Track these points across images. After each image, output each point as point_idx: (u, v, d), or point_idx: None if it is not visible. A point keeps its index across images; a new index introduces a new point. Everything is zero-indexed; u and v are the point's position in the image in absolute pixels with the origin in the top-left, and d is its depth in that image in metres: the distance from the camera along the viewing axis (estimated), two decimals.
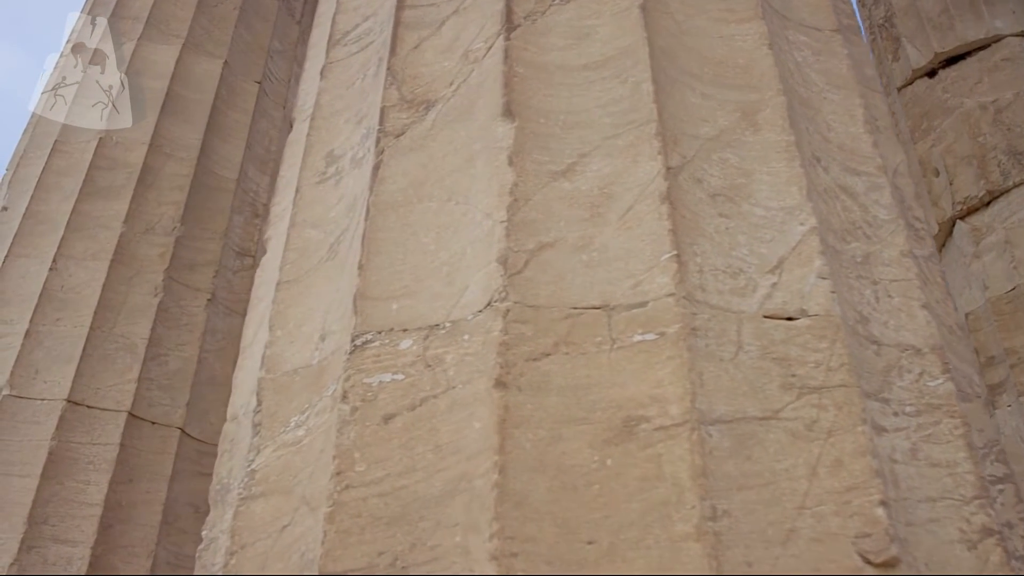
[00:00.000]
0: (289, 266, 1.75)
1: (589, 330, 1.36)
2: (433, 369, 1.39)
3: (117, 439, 3.80)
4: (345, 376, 1.42)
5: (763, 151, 1.61)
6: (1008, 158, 5.66)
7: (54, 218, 4.30)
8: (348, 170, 1.82)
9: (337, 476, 1.32)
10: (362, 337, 1.45)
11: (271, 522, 1.43)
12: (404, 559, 1.23)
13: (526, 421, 1.27)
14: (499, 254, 1.42)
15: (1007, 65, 5.95)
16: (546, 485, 1.22)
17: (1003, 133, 5.74)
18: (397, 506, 1.28)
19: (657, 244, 1.42)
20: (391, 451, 1.33)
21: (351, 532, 1.27)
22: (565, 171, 1.55)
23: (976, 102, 5.92)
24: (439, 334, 1.42)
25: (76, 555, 3.54)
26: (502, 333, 1.34)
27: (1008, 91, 5.83)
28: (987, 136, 5.80)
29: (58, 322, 4.00)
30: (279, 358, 1.63)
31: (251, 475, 1.50)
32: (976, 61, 6.08)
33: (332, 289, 1.64)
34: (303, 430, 1.49)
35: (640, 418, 1.26)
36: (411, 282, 1.51)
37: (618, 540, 1.17)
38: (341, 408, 1.39)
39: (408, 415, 1.36)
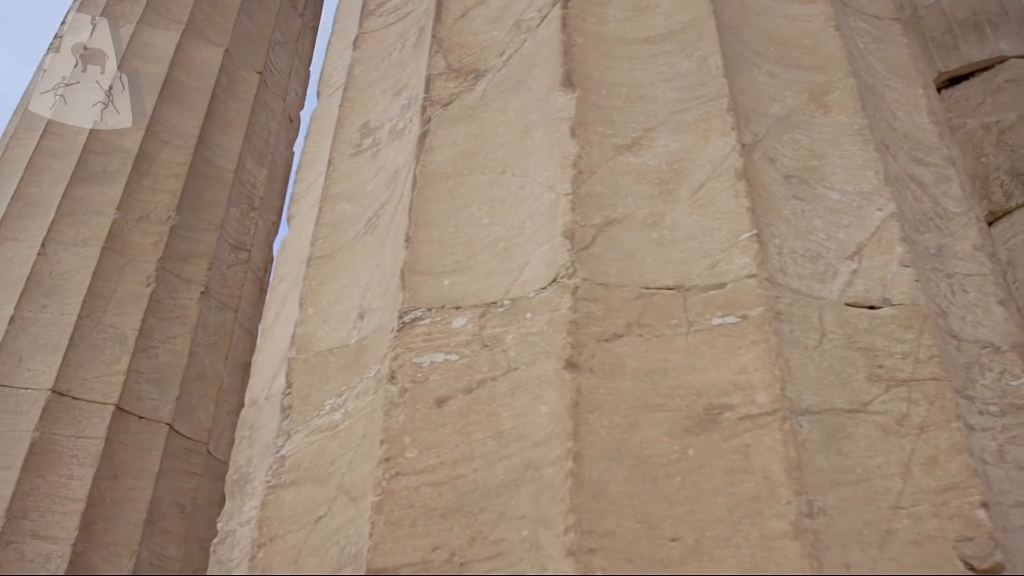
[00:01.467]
0: (322, 241, 1.63)
1: (663, 311, 1.26)
2: (491, 349, 1.27)
3: (103, 433, 3.63)
4: (392, 355, 1.30)
5: (834, 134, 1.53)
6: (1011, 179, 5.66)
7: (44, 201, 4.13)
8: (386, 142, 1.71)
9: (386, 463, 1.20)
10: (411, 314, 1.34)
11: (304, 513, 1.31)
12: (463, 554, 1.11)
13: (600, 406, 1.16)
14: (564, 228, 1.32)
15: (1010, 86, 5.96)
16: (624, 476, 1.11)
17: (1006, 154, 5.74)
18: (453, 496, 1.16)
19: (734, 223, 1.32)
20: (445, 437, 1.22)
21: (402, 524, 1.15)
22: (630, 145, 1.45)
23: (979, 123, 5.93)
24: (497, 312, 1.31)
25: (56, 552, 3.37)
26: (571, 311, 1.23)
27: (1012, 112, 5.83)
28: (990, 157, 5.80)
29: (45, 309, 3.83)
30: (311, 337, 1.51)
31: (281, 461, 1.38)
32: (980, 82, 6.09)
33: (371, 265, 1.53)
34: (340, 414, 1.37)
35: (723, 406, 1.16)
36: (463, 257, 1.40)
37: (704, 537, 1.06)
38: (388, 389, 1.27)
39: (463, 398, 1.24)
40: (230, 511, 1.56)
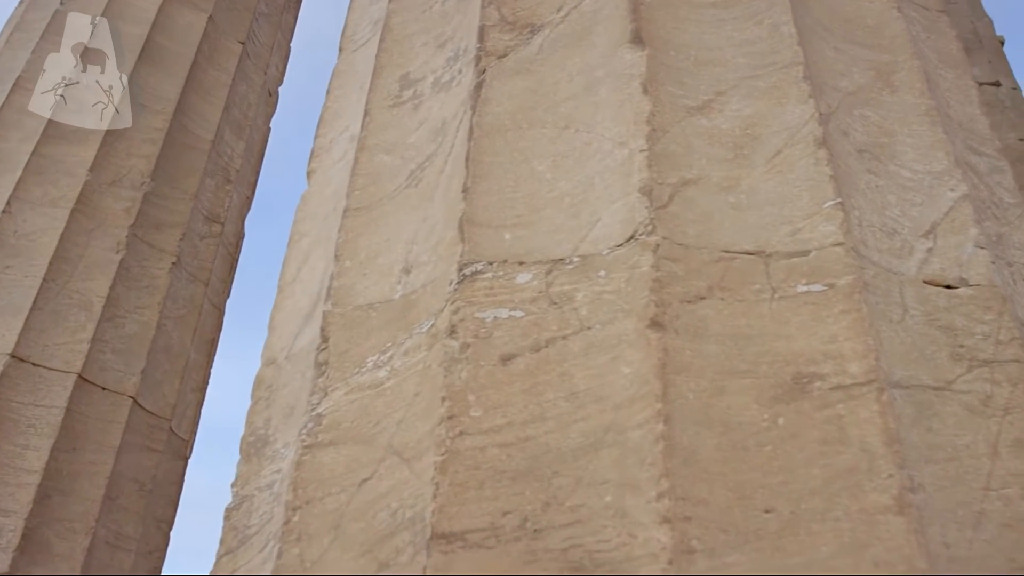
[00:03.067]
0: (359, 192, 1.53)
1: (744, 276, 1.20)
2: (560, 307, 1.19)
3: (63, 403, 3.44)
4: (452, 309, 1.21)
5: (902, 113, 1.49)
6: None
7: (12, 158, 3.91)
8: (430, 94, 1.62)
9: (449, 421, 1.11)
10: (471, 267, 1.25)
11: (345, 475, 1.21)
12: (536, 520, 1.03)
13: (686, 369, 1.09)
14: (641, 184, 1.25)
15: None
16: (713, 443, 1.04)
17: None
18: (523, 459, 1.08)
19: (816, 191, 1.27)
20: (512, 396, 1.13)
21: (468, 486, 1.06)
22: (701, 107, 1.38)
23: None
24: (565, 269, 1.23)
25: (8, 525, 3.16)
26: (653, 269, 1.16)
27: None
28: None
29: (7, 270, 3.62)
30: (349, 291, 1.41)
31: (317, 420, 1.28)
32: None
33: (416, 218, 1.44)
34: (385, 371, 1.28)
35: (812, 375, 1.10)
36: (525, 212, 1.32)
37: (800, 510, 1.00)
38: (448, 344, 1.19)
39: (531, 357, 1.16)
40: (246, 475, 1.45)
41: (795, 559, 0.96)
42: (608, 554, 0.98)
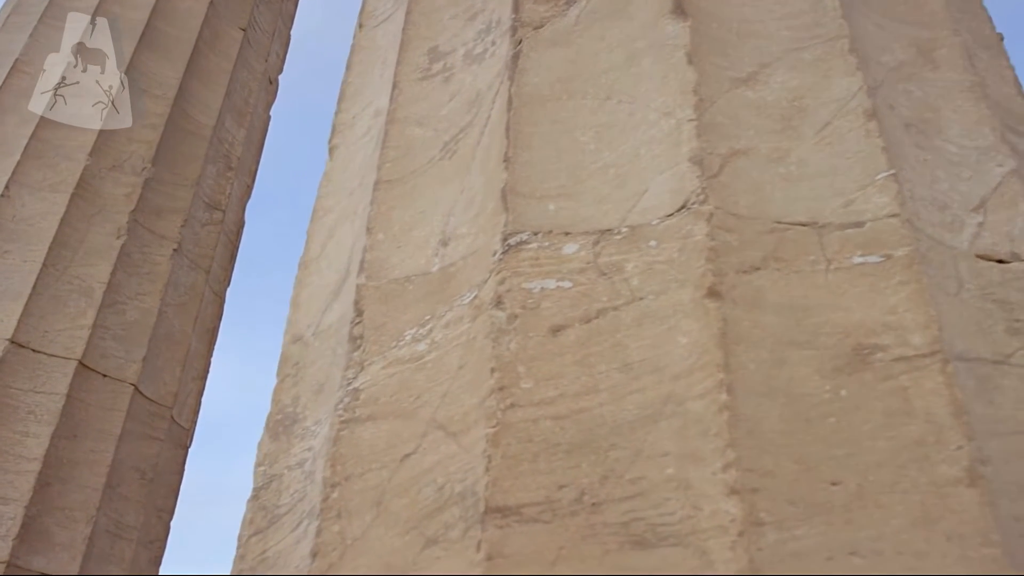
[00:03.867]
0: (390, 164, 1.49)
1: (799, 247, 1.17)
2: (610, 278, 1.16)
3: (64, 389, 3.37)
4: (497, 279, 1.18)
5: (946, 89, 1.46)
6: None
7: (10, 141, 3.84)
8: (461, 66, 1.58)
9: (499, 392, 1.08)
10: (516, 237, 1.22)
11: (385, 450, 1.17)
12: (594, 493, 1.00)
13: (745, 339, 1.06)
14: (691, 154, 1.22)
15: None
16: (777, 413, 1.01)
17: None
18: (577, 431, 1.05)
19: (868, 162, 1.24)
20: (564, 368, 1.10)
21: (521, 459, 1.03)
22: (746, 79, 1.35)
23: None
24: (613, 239, 1.20)
25: (7, 513, 3.10)
26: (708, 238, 1.13)
27: None
28: None
29: (6, 254, 3.55)
30: (383, 264, 1.37)
31: (354, 395, 1.24)
32: None
33: (453, 190, 1.40)
34: (424, 344, 1.24)
35: (873, 346, 1.07)
36: (569, 182, 1.28)
37: (867, 482, 0.97)
38: (494, 315, 1.15)
39: (581, 328, 1.13)
40: (274, 454, 1.41)
41: (865, 532, 0.93)
42: (672, 527, 0.94)
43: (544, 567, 0.95)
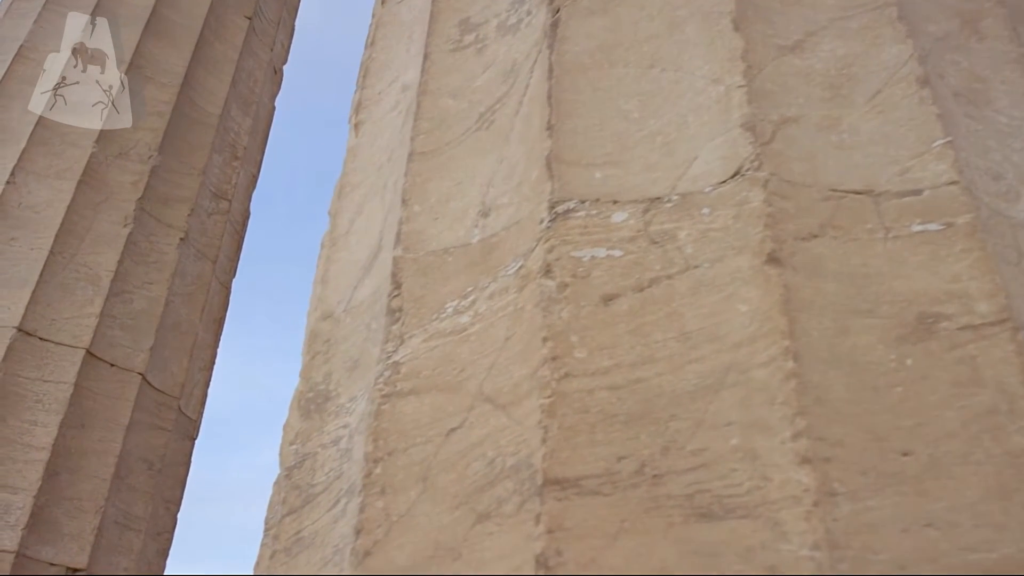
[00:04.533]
0: (423, 136, 1.46)
1: (855, 215, 1.13)
2: (662, 246, 1.13)
3: (72, 378, 3.33)
4: (546, 248, 1.14)
5: (992, 60, 1.43)
6: None
7: (15, 128, 3.79)
8: (495, 37, 1.55)
9: (553, 362, 1.04)
10: (563, 205, 1.18)
11: (429, 424, 1.14)
12: (655, 465, 0.96)
13: (808, 307, 1.03)
14: (743, 120, 1.18)
15: None
16: (843, 382, 0.98)
17: None
18: (635, 402, 1.01)
19: (922, 130, 1.21)
20: (618, 337, 1.06)
21: (578, 430, 1.00)
22: (793, 47, 1.32)
23: None
24: (664, 207, 1.16)
25: (15, 503, 3.06)
26: (765, 204, 1.09)
27: None
28: None
29: (13, 242, 3.51)
30: (420, 236, 1.33)
31: (395, 368, 1.21)
32: None
33: (491, 160, 1.36)
34: (468, 316, 1.21)
35: (938, 315, 1.04)
36: (614, 151, 1.25)
37: (939, 453, 0.94)
38: (544, 284, 1.12)
39: (634, 297, 1.09)
40: (306, 432, 1.37)
41: (940, 504, 0.90)
42: (740, 499, 0.91)
43: (606, 540, 0.92)
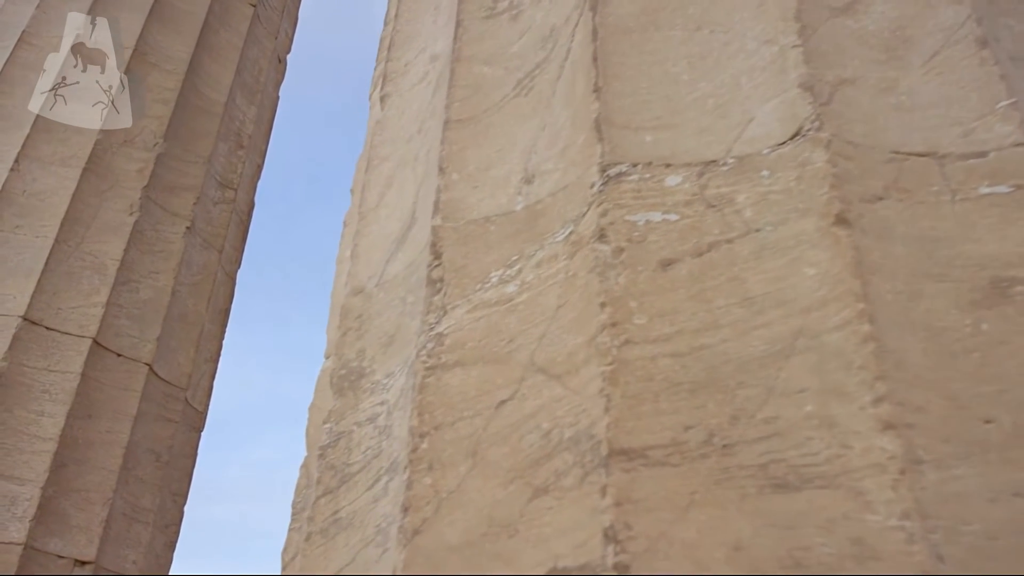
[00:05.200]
0: (459, 104, 1.41)
1: (920, 178, 1.09)
2: (720, 210, 1.08)
3: (78, 368, 3.28)
4: (599, 211, 1.10)
5: None
6: None
7: (18, 115, 3.73)
8: (530, 3, 1.50)
9: (612, 328, 1.00)
10: (615, 168, 1.13)
11: (477, 397, 1.09)
12: (725, 434, 0.92)
13: (879, 270, 0.98)
14: (801, 80, 1.14)
15: None
16: (920, 347, 0.93)
17: None
18: (700, 370, 0.97)
19: (985, 91, 1.16)
20: (678, 303, 1.02)
21: (642, 399, 0.95)
22: (844, 9, 1.27)
23: None
24: (720, 171, 1.12)
25: (23, 494, 3.01)
26: (830, 165, 1.05)
27: None
28: None
29: (17, 229, 3.45)
30: (460, 204, 1.28)
31: (438, 340, 1.16)
32: None
33: (533, 126, 1.32)
34: (514, 285, 1.16)
35: (1012, 279, 1.00)
36: (664, 114, 1.20)
37: (1022, 420, 0.90)
38: (598, 249, 1.07)
39: (694, 262, 1.05)
40: (340, 410, 1.33)
41: None
42: (818, 468, 0.87)
43: (676, 513, 0.88)
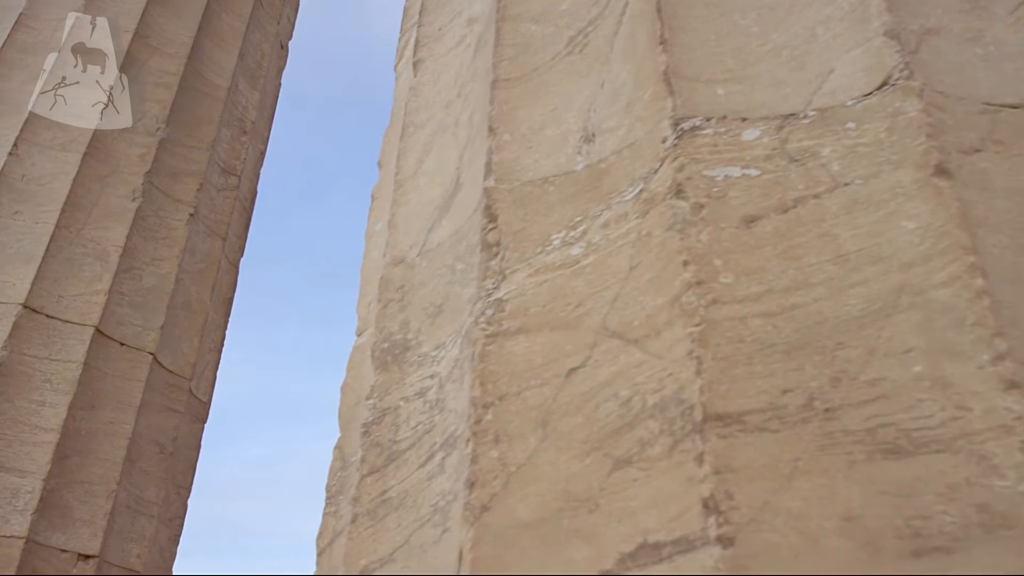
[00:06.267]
0: (507, 63, 1.33)
1: (1015, 130, 1.02)
2: (803, 164, 1.01)
3: (81, 357, 3.18)
4: (675, 166, 1.03)
5: None
6: None
7: (16, 99, 3.63)
8: None
9: (697, 287, 0.92)
10: (688, 122, 1.06)
11: (544, 365, 1.02)
12: (826, 398, 0.85)
13: (983, 222, 0.92)
14: (886, 28, 1.07)
15: None
16: None
17: None
18: (793, 330, 0.90)
19: None
20: (765, 261, 0.95)
21: (734, 361, 0.88)
22: None
23: None
24: (800, 124, 1.05)
25: (24, 486, 2.91)
26: (924, 115, 0.98)
27: None
28: None
29: (16, 215, 3.35)
30: (513, 166, 1.21)
31: (498, 306, 1.08)
32: None
33: (590, 84, 1.24)
34: (579, 247, 1.09)
35: None
36: (735, 66, 1.13)
37: None
38: (676, 205, 1.00)
39: (779, 218, 0.98)
40: (384, 385, 1.25)
41: None
42: (933, 431, 0.80)
43: (779, 481, 0.81)
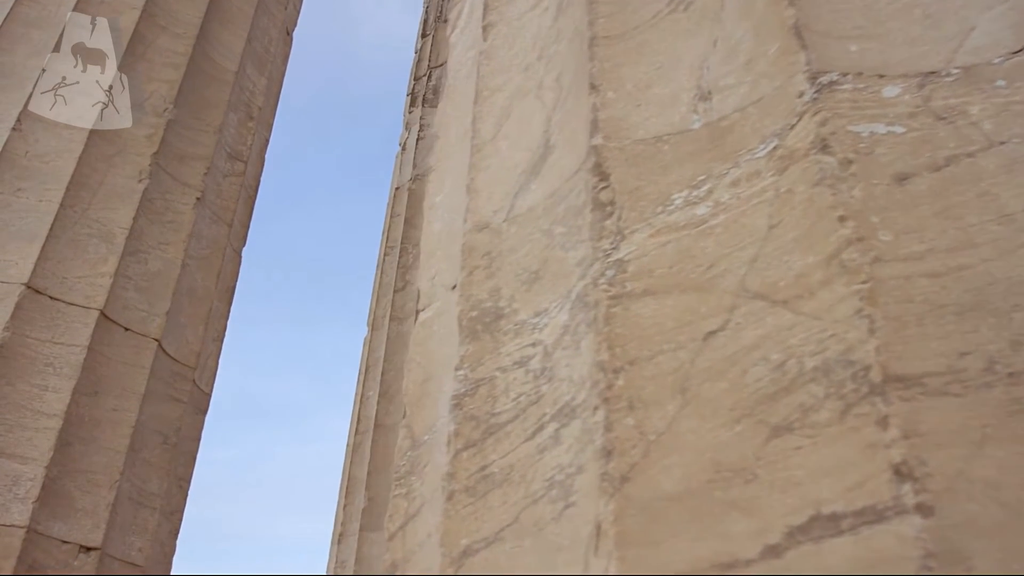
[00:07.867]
0: (604, 21, 1.27)
1: None
2: (952, 122, 0.96)
3: (85, 341, 3.06)
4: (817, 120, 0.97)
5: None
6: None
7: (20, 73, 3.50)
8: None
9: (859, 243, 0.86)
10: (826, 76, 1.00)
11: (677, 329, 0.95)
12: (1008, 362, 0.79)
13: None
14: None
15: None
16: None
17: None
18: (963, 291, 0.84)
19: None
20: (923, 220, 0.89)
21: (905, 322, 0.82)
22: None
23: None
24: (944, 82, 0.99)
25: (26, 474, 2.79)
26: None
27: None
28: None
29: (19, 193, 3.22)
30: (622, 124, 1.15)
31: (619, 267, 1.02)
32: None
33: (700, 42, 1.18)
34: (706, 207, 1.02)
35: None
36: (865, 24, 1.08)
37: None
38: (822, 160, 0.94)
39: (931, 176, 0.92)
40: (476, 355, 1.18)
41: None
42: None
43: (970, 449, 0.75)
